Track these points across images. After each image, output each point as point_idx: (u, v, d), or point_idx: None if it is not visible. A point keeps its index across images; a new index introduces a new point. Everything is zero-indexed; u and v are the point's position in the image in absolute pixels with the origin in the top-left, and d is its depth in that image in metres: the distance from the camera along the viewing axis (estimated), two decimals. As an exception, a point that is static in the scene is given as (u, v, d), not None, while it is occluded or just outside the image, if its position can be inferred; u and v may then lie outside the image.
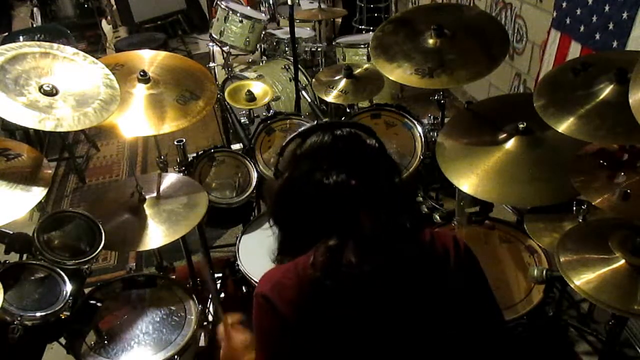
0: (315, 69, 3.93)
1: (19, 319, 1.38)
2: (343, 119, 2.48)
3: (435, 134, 2.11)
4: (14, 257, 1.55)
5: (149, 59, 1.99)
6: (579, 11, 2.54)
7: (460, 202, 1.89)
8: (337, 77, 2.45)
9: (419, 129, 2.17)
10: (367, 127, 1.04)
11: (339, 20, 5.08)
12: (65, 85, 1.53)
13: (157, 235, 1.72)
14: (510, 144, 1.75)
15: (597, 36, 2.42)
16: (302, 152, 0.99)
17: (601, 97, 1.48)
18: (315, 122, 1.04)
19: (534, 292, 1.64)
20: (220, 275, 2.43)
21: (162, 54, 2.03)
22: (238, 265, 1.93)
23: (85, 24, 6.19)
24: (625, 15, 2.22)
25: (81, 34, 6.09)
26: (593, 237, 1.43)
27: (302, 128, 1.03)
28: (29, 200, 1.44)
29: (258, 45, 3.53)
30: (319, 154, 0.97)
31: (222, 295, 2.30)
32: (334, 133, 0.98)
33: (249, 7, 3.95)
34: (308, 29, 4.12)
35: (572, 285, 1.32)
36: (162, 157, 2.09)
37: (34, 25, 4.87)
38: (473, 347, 1.05)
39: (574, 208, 1.65)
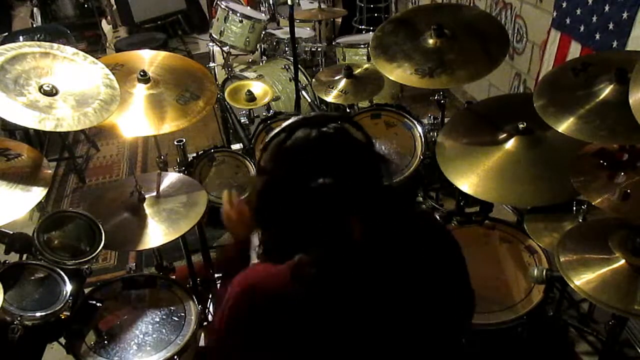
0: (315, 69, 3.93)
1: (19, 319, 1.38)
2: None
3: (435, 134, 2.11)
4: (14, 257, 1.55)
5: (149, 59, 1.99)
6: (579, 11, 2.54)
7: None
8: (337, 77, 2.46)
9: (419, 129, 2.17)
10: (355, 121, 1.00)
11: (339, 20, 5.08)
12: (65, 85, 1.53)
13: (156, 234, 1.72)
14: (510, 144, 1.75)
15: (597, 36, 2.42)
16: (286, 149, 0.94)
17: (601, 97, 1.48)
18: (302, 116, 0.98)
19: (534, 292, 1.64)
20: (220, 275, 2.43)
21: (162, 54, 2.03)
22: (238, 265, 1.92)
23: (85, 24, 6.18)
24: (625, 15, 2.22)
25: (81, 34, 6.08)
26: (593, 237, 1.43)
27: (288, 122, 0.97)
28: (29, 200, 1.44)
29: (258, 45, 3.53)
30: (304, 152, 0.92)
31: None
32: (321, 130, 0.93)
33: (249, 7, 3.95)
34: (308, 29, 4.12)
35: (572, 285, 1.32)
36: (162, 157, 2.09)
37: (34, 25, 4.87)
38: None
39: (574, 208, 1.65)
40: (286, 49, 3.64)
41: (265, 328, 0.95)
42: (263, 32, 3.51)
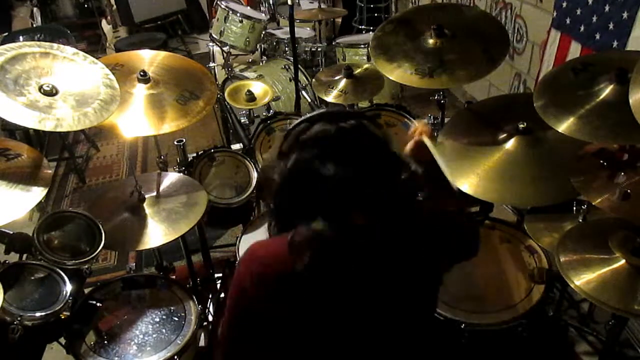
0: (315, 69, 3.93)
1: (19, 319, 1.38)
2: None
3: (435, 134, 2.11)
4: (14, 257, 1.55)
5: (149, 59, 1.99)
6: (579, 11, 2.54)
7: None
8: (337, 77, 2.45)
9: (419, 129, 2.17)
10: (374, 120, 1.03)
11: (339, 20, 5.08)
12: (65, 85, 1.53)
13: (156, 234, 1.72)
14: (510, 144, 1.75)
15: (597, 36, 2.42)
16: (305, 139, 0.98)
17: (601, 97, 1.48)
18: (324, 110, 1.03)
19: (534, 292, 1.64)
20: (220, 275, 2.44)
21: (162, 54, 2.03)
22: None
23: (85, 24, 6.19)
24: (625, 15, 2.22)
25: (81, 34, 6.08)
26: (593, 237, 1.44)
27: (311, 114, 1.02)
28: (29, 200, 1.44)
29: (258, 45, 3.53)
30: (321, 144, 0.96)
31: (222, 295, 2.30)
32: (339, 125, 0.97)
33: (249, 7, 3.95)
34: (308, 29, 4.11)
35: (572, 285, 1.32)
36: (162, 157, 2.09)
37: (34, 25, 4.86)
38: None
39: (574, 208, 1.65)
40: (286, 49, 3.64)
41: (264, 296, 1.00)
42: (263, 32, 3.51)
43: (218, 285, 2.39)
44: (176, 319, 1.70)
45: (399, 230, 1.00)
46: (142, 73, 1.85)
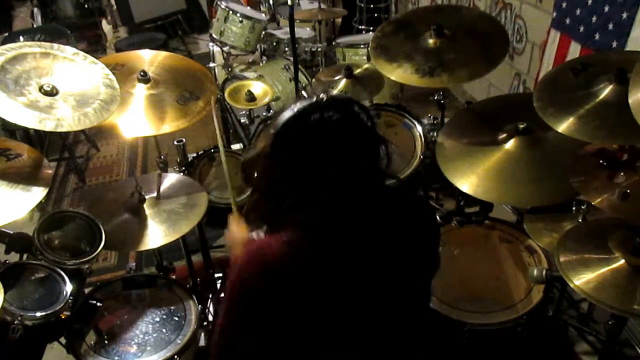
0: (315, 69, 3.93)
1: (19, 318, 1.38)
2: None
3: (435, 134, 2.11)
4: (14, 257, 1.55)
5: (149, 59, 1.99)
6: (578, 11, 2.54)
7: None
8: (337, 77, 2.45)
9: (419, 129, 2.17)
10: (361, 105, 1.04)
11: (339, 20, 5.07)
12: (66, 85, 1.53)
13: (157, 235, 1.72)
14: (510, 144, 1.75)
15: (597, 36, 2.42)
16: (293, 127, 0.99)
17: (601, 97, 1.49)
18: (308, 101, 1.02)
19: (533, 292, 1.64)
20: (220, 275, 2.44)
21: (162, 54, 2.04)
22: (238, 265, 1.92)
23: (86, 24, 6.18)
24: (624, 15, 2.22)
25: (81, 34, 6.07)
26: (593, 237, 1.44)
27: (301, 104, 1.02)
28: (29, 200, 1.44)
29: (258, 45, 3.53)
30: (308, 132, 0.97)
31: (222, 295, 2.30)
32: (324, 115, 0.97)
33: (249, 7, 3.95)
34: (308, 29, 4.11)
35: (572, 285, 1.32)
36: (162, 157, 2.09)
37: (34, 26, 4.87)
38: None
39: (574, 208, 1.65)
40: (286, 49, 3.64)
41: (265, 287, 1.00)
42: (263, 32, 3.51)
43: (218, 285, 2.39)
44: (176, 318, 1.70)
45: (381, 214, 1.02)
46: (142, 73, 1.85)
